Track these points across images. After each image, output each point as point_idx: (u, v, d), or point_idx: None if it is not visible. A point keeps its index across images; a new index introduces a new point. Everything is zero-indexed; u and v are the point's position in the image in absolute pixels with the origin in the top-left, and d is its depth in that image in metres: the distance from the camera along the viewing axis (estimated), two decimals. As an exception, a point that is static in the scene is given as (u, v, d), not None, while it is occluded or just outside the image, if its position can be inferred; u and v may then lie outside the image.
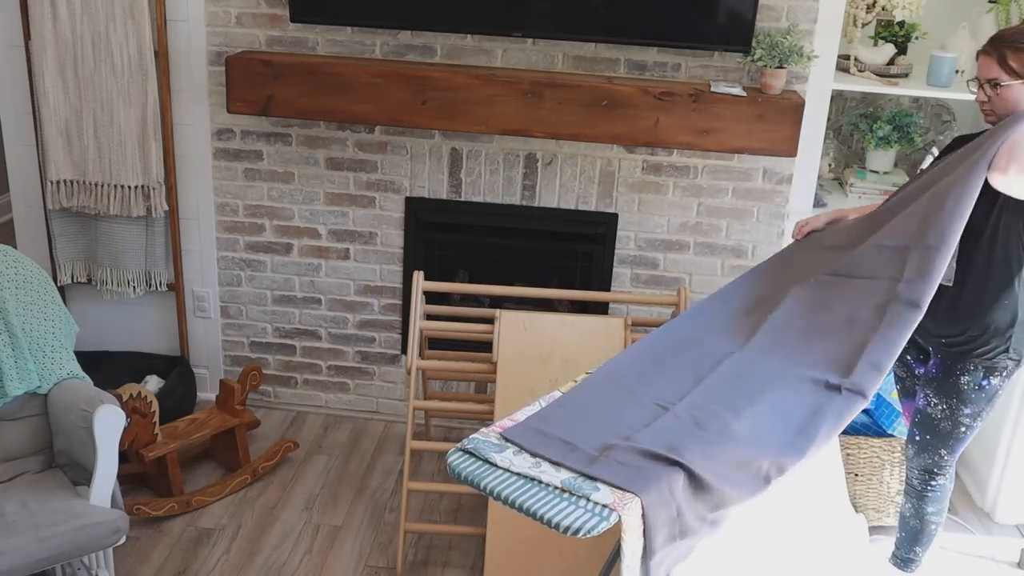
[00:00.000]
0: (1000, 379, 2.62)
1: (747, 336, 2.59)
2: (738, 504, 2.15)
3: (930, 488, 2.83)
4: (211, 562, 3.08)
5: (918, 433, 2.79)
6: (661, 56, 3.39)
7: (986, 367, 2.60)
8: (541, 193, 3.59)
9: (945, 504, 2.86)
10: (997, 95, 2.51)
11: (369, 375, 3.93)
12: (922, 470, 2.82)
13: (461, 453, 2.07)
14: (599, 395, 2.34)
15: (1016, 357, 2.60)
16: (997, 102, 2.52)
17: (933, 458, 2.77)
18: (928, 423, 2.74)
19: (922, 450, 2.79)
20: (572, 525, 1.85)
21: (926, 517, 2.87)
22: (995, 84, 2.51)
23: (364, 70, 3.28)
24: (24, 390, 2.78)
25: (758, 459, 2.16)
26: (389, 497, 3.46)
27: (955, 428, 2.70)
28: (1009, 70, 2.48)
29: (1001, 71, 2.48)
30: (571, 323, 3.12)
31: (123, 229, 3.65)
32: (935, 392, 2.70)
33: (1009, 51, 2.47)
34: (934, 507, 2.85)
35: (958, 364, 2.64)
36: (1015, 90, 2.49)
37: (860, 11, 3.43)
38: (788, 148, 3.23)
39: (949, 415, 2.69)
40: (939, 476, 2.80)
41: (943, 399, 2.69)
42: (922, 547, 2.93)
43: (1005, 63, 2.48)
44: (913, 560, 2.96)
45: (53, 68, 3.41)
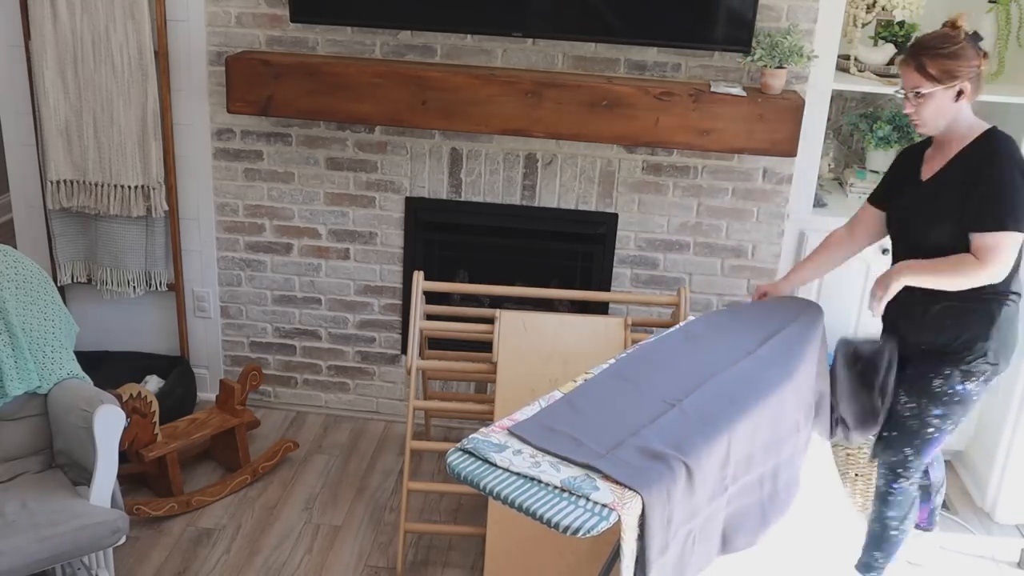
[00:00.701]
0: (976, 384, 2.60)
1: (761, 340, 2.62)
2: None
3: (892, 490, 2.79)
4: (211, 562, 3.08)
5: (885, 429, 2.77)
6: (661, 56, 3.39)
7: (963, 372, 2.59)
8: (541, 193, 3.59)
9: (907, 512, 2.81)
10: (921, 103, 2.51)
11: (369, 375, 3.93)
12: (887, 468, 2.79)
13: (461, 453, 2.08)
14: (606, 391, 2.35)
15: (994, 361, 2.58)
16: (922, 111, 2.52)
17: (898, 456, 2.74)
18: (896, 419, 2.72)
19: (888, 447, 2.76)
20: (572, 524, 1.85)
21: (886, 521, 2.83)
22: (917, 93, 2.51)
23: (364, 70, 3.28)
24: (24, 390, 2.78)
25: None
26: (389, 497, 3.46)
27: (923, 428, 2.68)
28: (929, 77, 2.48)
29: (922, 79, 2.49)
30: (571, 323, 3.12)
31: (123, 229, 3.65)
32: (907, 391, 2.69)
33: (927, 58, 2.47)
34: (895, 512, 2.80)
35: (933, 366, 2.63)
36: (937, 97, 2.49)
37: (860, 11, 3.42)
38: (788, 148, 3.23)
39: (918, 414, 2.67)
40: (903, 479, 2.76)
41: (914, 398, 2.67)
42: (882, 553, 2.88)
43: (924, 71, 2.48)
44: (872, 566, 2.90)
45: (53, 68, 3.41)
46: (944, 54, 2.46)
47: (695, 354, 2.56)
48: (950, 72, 2.46)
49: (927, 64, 2.47)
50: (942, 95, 2.48)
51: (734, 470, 2.27)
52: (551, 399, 2.30)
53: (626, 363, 2.49)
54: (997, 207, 2.43)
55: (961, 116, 2.54)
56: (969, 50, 2.47)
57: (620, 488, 1.96)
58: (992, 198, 2.44)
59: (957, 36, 2.48)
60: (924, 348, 2.65)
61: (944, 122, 2.54)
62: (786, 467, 2.53)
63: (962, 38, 2.48)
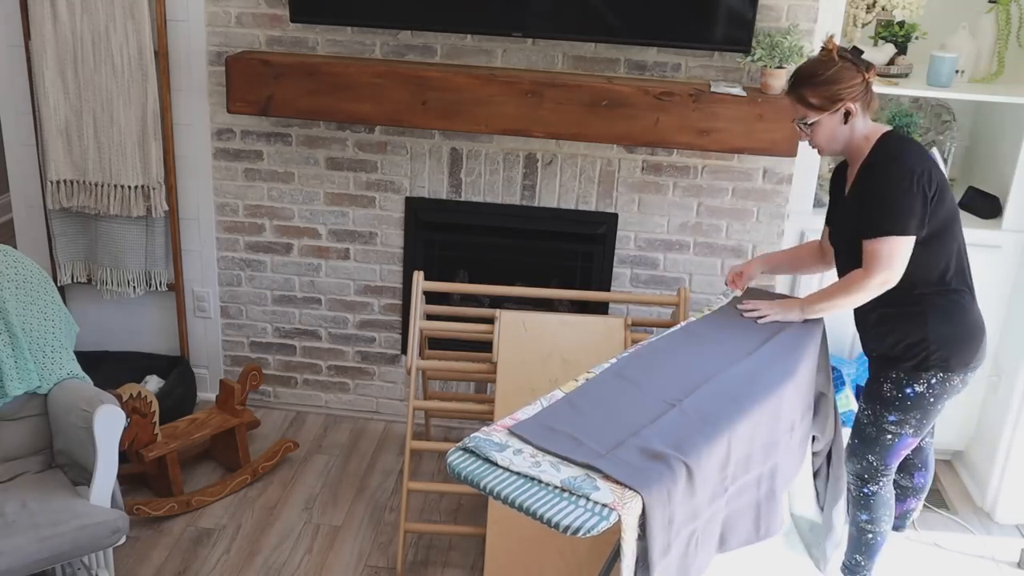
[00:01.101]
0: (926, 386, 2.59)
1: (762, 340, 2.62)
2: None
3: (863, 495, 2.80)
4: (211, 562, 3.08)
5: (850, 437, 2.81)
6: (661, 56, 3.39)
7: (909, 375, 2.59)
8: (541, 193, 3.59)
9: (882, 514, 2.80)
10: (813, 132, 2.55)
11: (369, 375, 3.93)
12: (855, 475, 2.80)
13: (461, 452, 2.07)
14: (607, 391, 2.35)
15: (941, 361, 2.57)
16: (816, 139, 2.57)
17: (862, 463, 2.76)
18: (857, 428, 2.77)
19: (852, 454, 2.79)
20: (572, 524, 1.85)
21: (860, 524, 2.84)
22: (805, 123, 2.55)
23: (364, 70, 3.28)
24: (24, 390, 2.78)
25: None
26: (389, 497, 3.46)
27: (880, 434, 2.69)
28: (811, 107, 2.51)
29: (806, 110, 2.53)
30: (571, 323, 3.12)
31: (123, 229, 3.65)
32: (864, 398, 2.74)
33: (806, 89, 2.51)
34: (867, 515, 2.81)
35: (883, 372, 2.66)
36: (824, 124, 2.53)
37: (860, 11, 3.42)
38: (788, 148, 3.23)
39: (874, 420, 2.69)
40: (871, 483, 2.77)
41: (869, 404, 2.70)
42: (863, 556, 2.88)
43: (805, 101, 2.52)
44: (856, 568, 2.90)
45: (53, 68, 3.41)
46: (821, 81, 2.49)
47: (696, 354, 2.56)
48: (830, 97, 2.50)
49: (807, 94, 2.52)
50: (829, 120, 2.52)
51: (734, 470, 2.27)
52: (552, 398, 2.30)
53: (627, 363, 2.49)
54: (877, 213, 2.48)
55: (856, 131, 2.56)
56: (847, 71, 2.49)
57: (620, 488, 1.96)
58: (874, 205, 2.49)
59: (831, 59, 2.50)
60: (874, 355, 2.70)
61: (840, 144, 2.58)
62: (783, 466, 2.54)
63: (837, 60, 2.49)
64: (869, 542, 2.84)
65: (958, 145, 3.68)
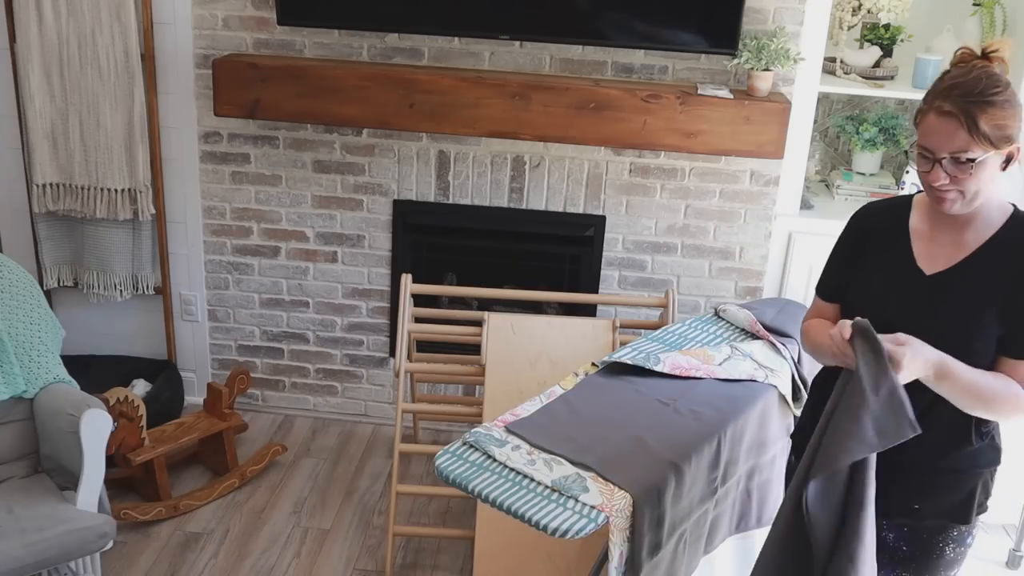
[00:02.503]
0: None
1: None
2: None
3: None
4: (199, 566, 3.07)
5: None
6: (648, 59, 3.40)
7: (973, 522, 1.98)
8: (529, 195, 3.59)
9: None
10: (969, 175, 1.74)
11: (357, 378, 3.92)
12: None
13: (449, 456, 2.08)
14: (603, 391, 2.36)
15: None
16: (969, 184, 1.76)
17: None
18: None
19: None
20: (559, 527, 1.85)
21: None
22: (962, 160, 1.73)
23: (351, 73, 3.28)
24: (10, 394, 2.76)
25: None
26: (377, 500, 3.46)
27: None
28: (981, 137, 1.72)
29: (971, 140, 1.72)
30: (559, 325, 3.12)
31: (110, 232, 3.64)
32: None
33: (980, 110, 1.72)
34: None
35: (941, 532, 1.96)
36: (989, 166, 1.75)
37: (846, 14, 3.44)
38: (775, 150, 3.24)
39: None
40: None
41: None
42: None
43: (976, 128, 1.71)
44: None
45: (39, 71, 3.39)
46: (998, 104, 1.72)
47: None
48: (1005, 129, 1.73)
49: (981, 119, 1.71)
50: (994, 162, 1.75)
51: (724, 471, 2.28)
52: (551, 395, 2.31)
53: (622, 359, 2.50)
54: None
55: (996, 190, 1.83)
56: (1017, 100, 1.76)
57: (610, 488, 1.96)
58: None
59: (1002, 76, 1.76)
60: (922, 514, 1.96)
61: (979, 202, 1.80)
62: (767, 468, 2.54)
63: (1005, 81, 1.76)
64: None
65: (943, 147, 3.69)
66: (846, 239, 2.02)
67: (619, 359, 2.51)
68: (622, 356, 2.52)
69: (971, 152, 1.72)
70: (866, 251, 1.97)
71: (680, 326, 2.84)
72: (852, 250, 2.00)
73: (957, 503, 1.92)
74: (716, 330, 2.84)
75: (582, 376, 2.45)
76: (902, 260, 1.90)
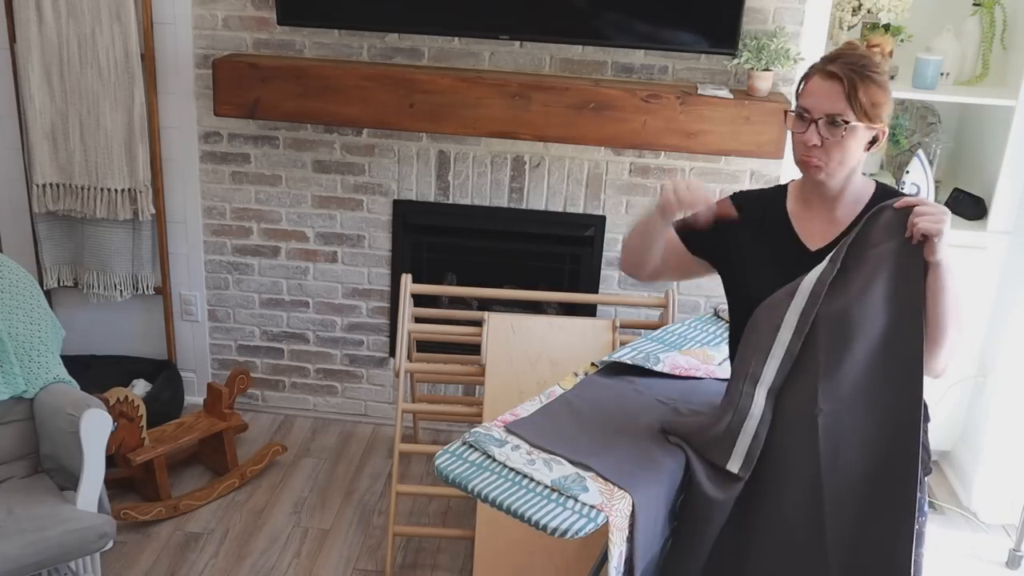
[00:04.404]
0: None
1: None
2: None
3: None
4: (199, 566, 3.07)
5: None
6: (648, 58, 3.40)
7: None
8: (529, 195, 3.59)
9: None
10: (839, 140, 1.91)
11: (357, 378, 3.92)
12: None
13: (449, 456, 2.08)
14: (603, 390, 2.36)
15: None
16: (834, 151, 1.92)
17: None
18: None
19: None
20: (559, 526, 1.85)
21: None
22: (835, 121, 1.90)
23: (351, 73, 3.28)
24: (10, 394, 2.76)
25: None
26: (377, 500, 3.46)
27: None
28: (857, 106, 1.90)
29: (847, 106, 1.90)
30: (559, 325, 3.12)
31: (110, 232, 3.64)
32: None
33: (861, 81, 1.90)
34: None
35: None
36: (858, 135, 1.92)
37: (846, 14, 3.44)
38: (775, 150, 3.24)
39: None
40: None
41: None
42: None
43: (855, 96, 1.89)
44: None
45: (39, 71, 3.39)
46: (877, 81, 1.92)
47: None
48: (877, 106, 1.92)
49: (860, 88, 1.90)
50: (863, 135, 1.94)
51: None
52: (551, 395, 2.31)
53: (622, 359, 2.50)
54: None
55: (859, 168, 2.01)
56: (889, 85, 1.96)
57: (610, 488, 1.96)
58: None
59: (882, 63, 2.02)
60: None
61: (844, 173, 1.98)
62: None
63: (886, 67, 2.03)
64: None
65: (943, 147, 3.69)
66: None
67: (619, 359, 2.51)
68: (622, 356, 2.52)
69: (846, 116, 1.89)
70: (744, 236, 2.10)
71: (680, 326, 2.84)
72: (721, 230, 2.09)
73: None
74: (716, 330, 2.84)
75: (582, 376, 2.45)
76: (785, 239, 2.07)
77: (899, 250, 1.88)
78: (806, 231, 2.07)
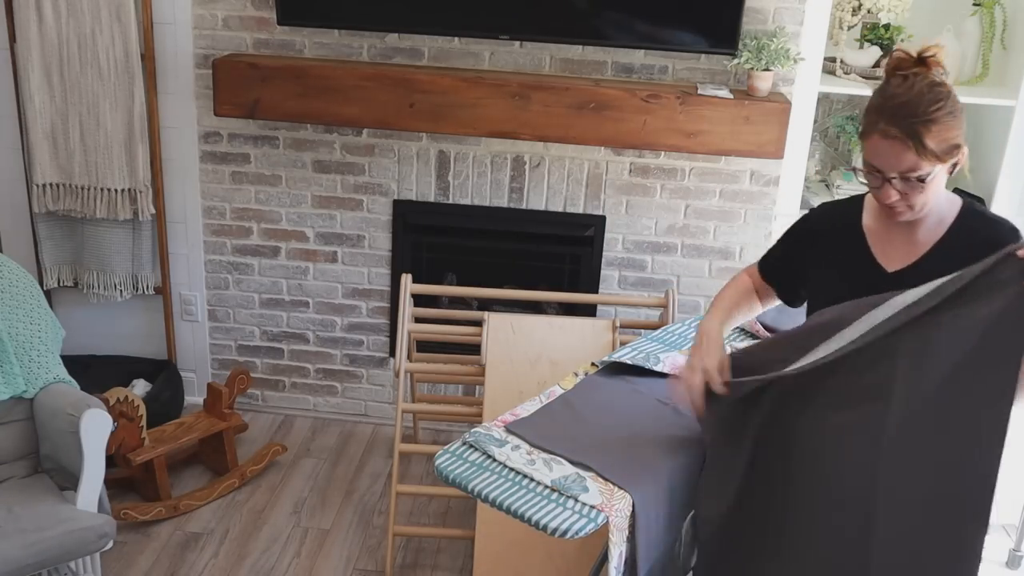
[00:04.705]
0: None
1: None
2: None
3: None
4: (199, 566, 3.07)
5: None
6: (648, 58, 3.40)
7: None
8: (529, 195, 3.59)
9: None
10: (920, 191, 1.77)
11: (357, 378, 3.92)
12: None
13: (449, 456, 2.08)
14: (603, 390, 2.36)
15: None
16: (918, 198, 1.78)
17: None
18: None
19: None
20: (559, 527, 1.85)
21: None
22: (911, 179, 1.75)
23: (351, 73, 3.28)
24: (10, 394, 2.76)
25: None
26: (377, 500, 3.46)
27: None
28: (930, 156, 1.72)
29: (919, 159, 1.73)
30: (559, 325, 3.12)
31: (110, 232, 3.64)
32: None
33: (925, 129, 1.71)
34: None
35: None
36: (939, 179, 1.77)
37: (846, 14, 3.44)
38: (775, 150, 3.24)
39: None
40: None
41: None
42: None
43: (924, 148, 1.72)
44: None
45: (39, 71, 3.39)
46: (943, 117, 1.72)
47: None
48: (951, 141, 1.74)
49: (928, 138, 1.71)
50: (942, 174, 1.77)
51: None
52: (551, 395, 2.31)
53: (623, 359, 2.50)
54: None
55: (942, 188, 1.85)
56: (956, 99, 1.77)
57: (610, 488, 1.97)
58: None
59: (943, 85, 1.75)
60: None
61: (932, 205, 1.84)
62: None
63: (947, 85, 1.76)
64: None
65: (943, 147, 3.69)
66: (793, 238, 2.04)
67: (619, 359, 2.51)
68: (622, 356, 2.52)
69: (921, 171, 1.73)
70: (815, 253, 2.01)
71: (680, 326, 2.84)
72: (796, 249, 2.06)
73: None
74: (716, 330, 2.83)
75: (582, 376, 2.45)
76: (860, 259, 1.93)
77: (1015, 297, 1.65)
78: (883, 252, 1.92)
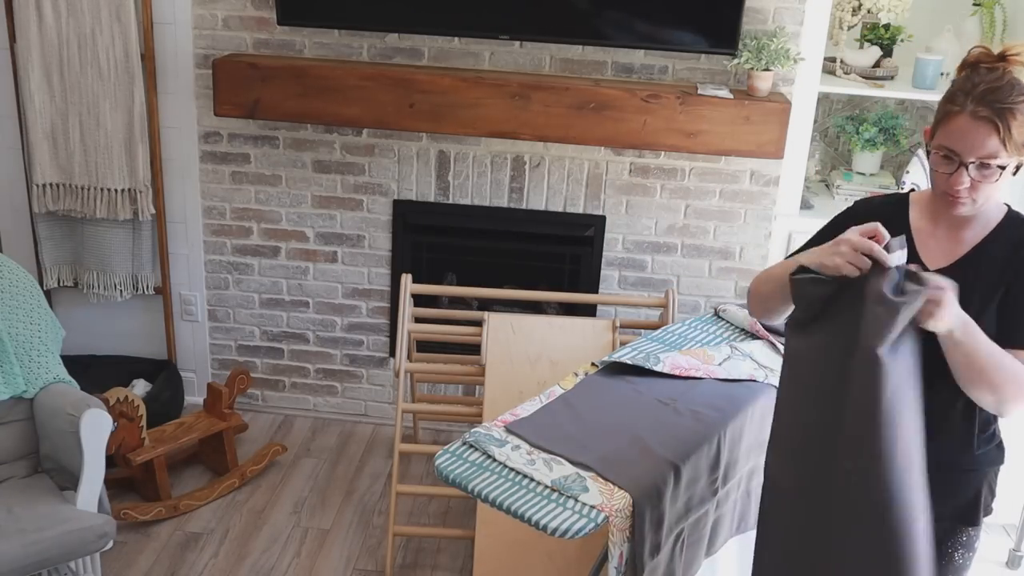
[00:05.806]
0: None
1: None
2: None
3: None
4: (199, 566, 3.07)
5: None
6: (648, 58, 3.40)
7: (977, 528, 1.97)
8: (529, 195, 3.59)
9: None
10: (993, 181, 1.73)
11: (357, 378, 3.92)
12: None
13: (449, 456, 2.08)
14: (603, 390, 2.36)
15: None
16: (983, 188, 1.75)
17: None
18: None
19: None
20: (559, 526, 1.85)
21: None
22: (989, 165, 1.71)
23: (351, 73, 3.28)
24: (10, 394, 2.76)
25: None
26: (377, 500, 3.46)
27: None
28: (1013, 144, 1.70)
29: (1002, 146, 1.70)
30: (559, 325, 3.12)
31: (110, 232, 3.64)
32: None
33: (1011, 116, 1.69)
34: None
35: (950, 536, 1.95)
36: (1007, 176, 1.75)
37: (846, 14, 3.44)
38: (775, 150, 3.24)
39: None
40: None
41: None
42: None
43: (1010, 135, 1.69)
44: None
45: (39, 71, 3.39)
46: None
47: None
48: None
49: (1013, 125, 1.68)
50: (1010, 170, 1.76)
51: (724, 472, 2.28)
52: (551, 395, 2.32)
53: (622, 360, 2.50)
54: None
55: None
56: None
57: (610, 488, 1.97)
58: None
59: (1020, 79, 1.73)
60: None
61: (990, 203, 1.83)
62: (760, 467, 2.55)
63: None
64: None
65: (943, 147, 3.69)
66: (838, 230, 1.93)
67: (619, 359, 2.51)
68: (622, 356, 2.52)
69: (1000, 159, 1.70)
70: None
71: (680, 326, 2.84)
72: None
73: (964, 504, 1.92)
74: (716, 330, 2.84)
75: (582, 376, 2.45)
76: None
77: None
78: (928, 249, 1.88)
